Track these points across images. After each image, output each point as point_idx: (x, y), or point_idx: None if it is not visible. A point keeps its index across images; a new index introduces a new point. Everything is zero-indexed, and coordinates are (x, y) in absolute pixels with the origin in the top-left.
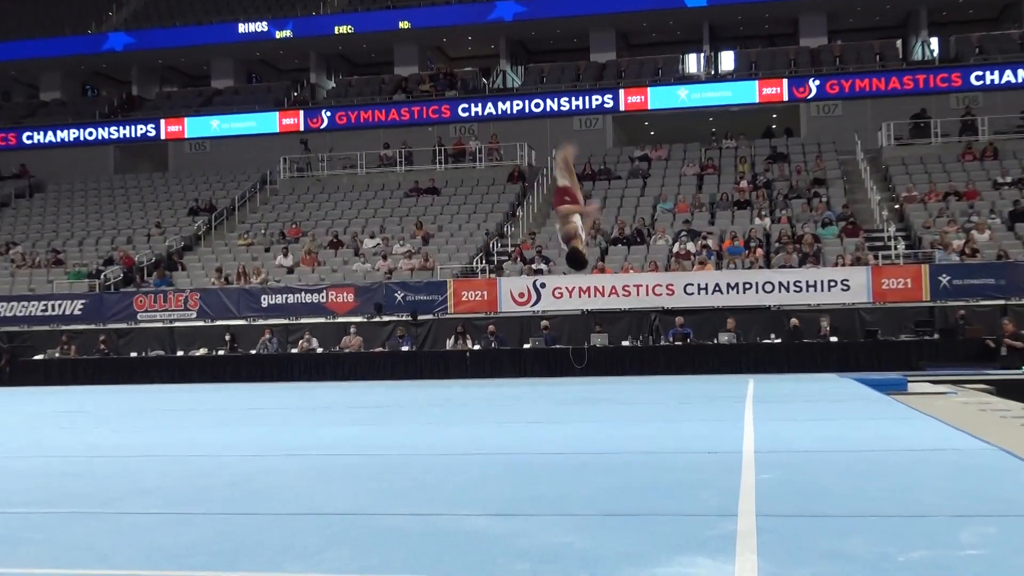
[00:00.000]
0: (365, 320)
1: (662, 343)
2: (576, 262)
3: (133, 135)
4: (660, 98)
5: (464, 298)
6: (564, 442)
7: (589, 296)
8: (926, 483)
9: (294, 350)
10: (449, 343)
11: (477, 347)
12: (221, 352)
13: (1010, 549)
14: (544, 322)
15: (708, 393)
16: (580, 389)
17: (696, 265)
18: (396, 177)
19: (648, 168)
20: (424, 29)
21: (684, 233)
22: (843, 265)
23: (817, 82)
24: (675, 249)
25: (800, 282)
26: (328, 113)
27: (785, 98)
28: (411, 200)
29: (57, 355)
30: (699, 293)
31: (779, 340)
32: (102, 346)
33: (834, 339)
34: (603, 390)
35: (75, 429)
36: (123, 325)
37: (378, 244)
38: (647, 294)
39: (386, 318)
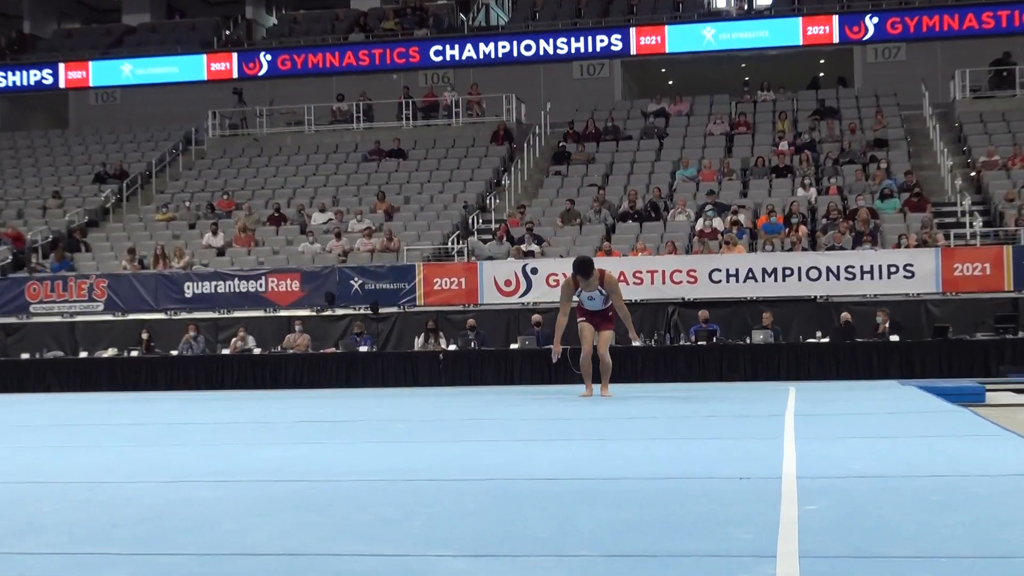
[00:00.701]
0: (314, 314)
1: (682, 342)
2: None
3: (24, 83)
4: (680, 39)
5: (437, 286)
6: (560, 465)
7: None
8: (1011, 517)
9: (225, 351)
10: (418, 342)
11: (453, 347)
12: (134, 353)
13: None
14: (536, 316)
15: (739, 404)
16: (581, 400)
17: (724, 246)
18: (352, 136)
19: (665, 126)
20: None
21: (710, 207)
22: (906, 247)
23: (875, 19)
24: (698, 226)
25: (853, 268)
26: (268, 57)
27: (835, 39)
28: (371, 165)
29: None
30: (728, 281)
31: (827, 339)
32: None
33: (894, 338)
34: (609, 401)
35: None
36: (12, 320)
37: (330, 220)
38: (663, 282)
39: (340, 311)
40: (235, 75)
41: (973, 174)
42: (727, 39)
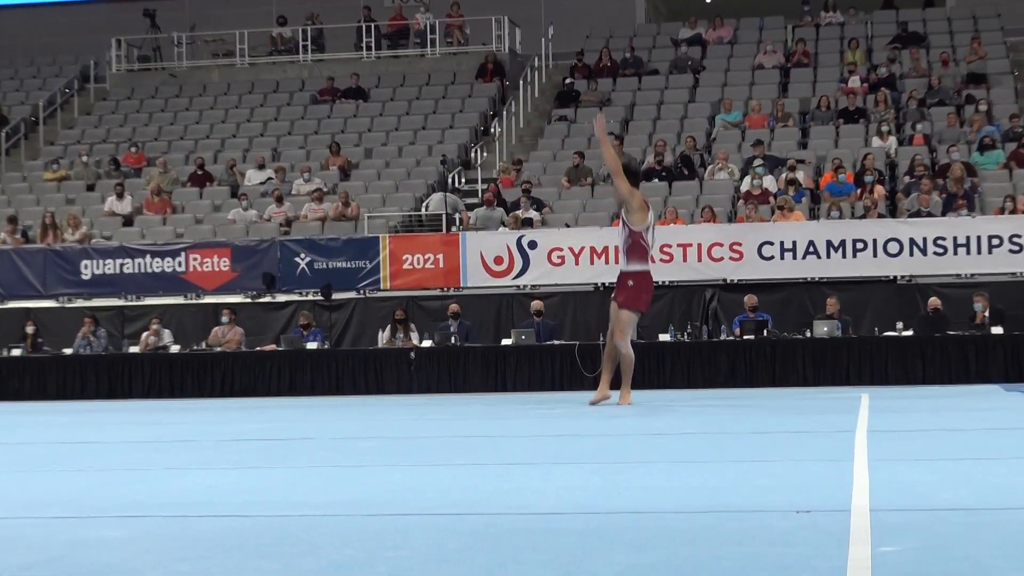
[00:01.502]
0: (248, 300)
1: (723, 337)
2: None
3: None
4: None
5: (407, 265)
6: (568, 495)
7: (606, 261)
8: None
9: (134, 348)
10: (383, 337)
11: (428, 343)
12: (16, 352)
13: None
14: (537, 303)
15: (796, 416)
16: (592, 411)
17: (777, 212)
18: (298, 71)
19: (702, 57)
20: None
21: (759, 161)
22: (1012, 212)
23: None
24: (744, 187)
25: (943, 240)
26: None
27: None
28: (322, 108)
29: None
30: (782, 257)
31: (909, 332)
32: None
33: (997, 330)
34: (629, 411)
35: None
36: None
37: (269, 179)
38: (699, 259)
39: (282, 297)
40: None
41: None
42: None
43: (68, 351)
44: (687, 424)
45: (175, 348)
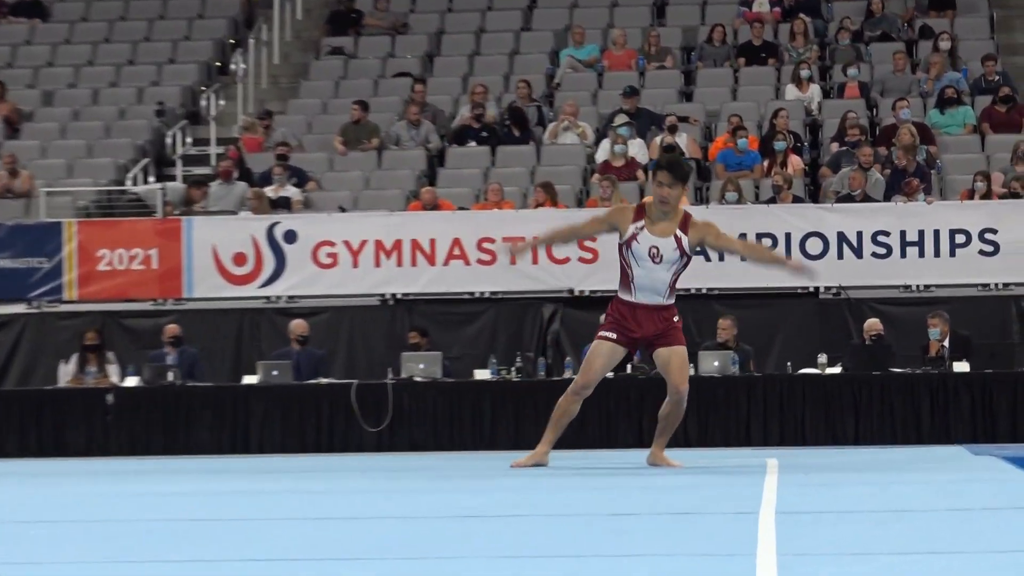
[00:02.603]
0: None
1: (568, 374)
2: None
3: None
4: None
5: (104, 264)
6: None
7: (399, 262)
8: None
9: None
10: (66, 372)
11: (134, 381)
12: None
13: None
14: (297, 323)
15: (676, 490)
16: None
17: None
18: None
19: None
20: None
21: (623, 118)
22: (984, 196)
23: None
24: (602, 155)
25: (886, 235)
26: None
27: None
28: None
29: None
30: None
31: (837, 369)
32: None
33: (961, 366)
34: (460, 486)
35: None
36: None
37: None
38: (534, 260)
39: None
40: None
41: None
42: None
43: None
44: (517, 502)
45: None
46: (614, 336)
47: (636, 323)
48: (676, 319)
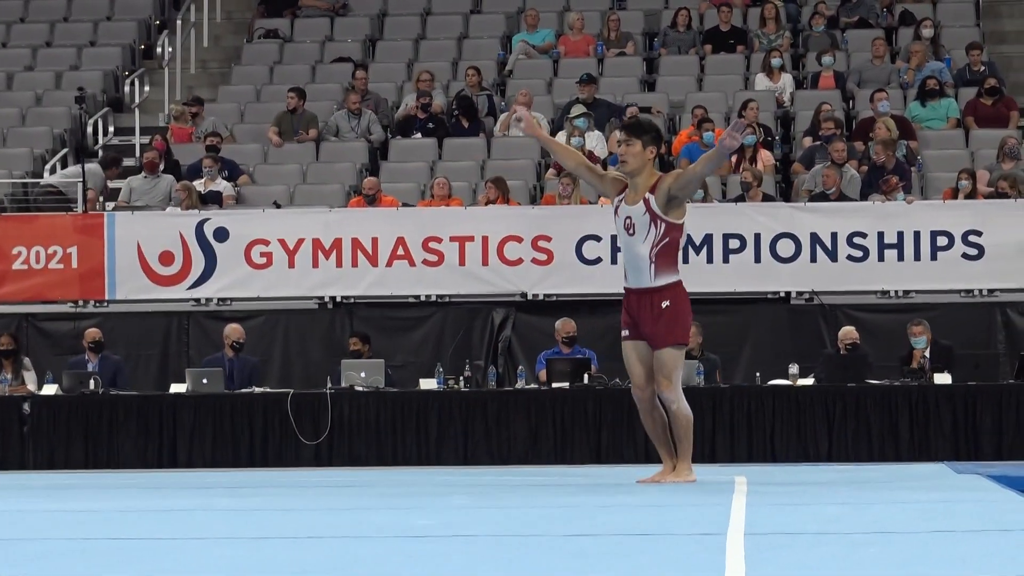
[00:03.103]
0: None
1: (521, 384)
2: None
3: None
4: None
5: (20, 263)
6: None
7: (338, 262)
8: None
9: None
10: None
11: (52, 389)
12: None
13: None
14: (231, 328)
15: (636, 510)
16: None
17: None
18: None
19: None
20: None
21: (580, 108)
22: (969, 195)
23: None
24: None
25: (863, 237)
26: None
27: None
28: None
29: None
30: (613, 260)
31: (809, 380)
32: None
33: (943, 378)
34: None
35: None
36: None
37: None
38: (484, 261)
39: None
40: None
41: None
42: None
43: None
44: (466, 522)
45: None
46: (626, 332)
47: (635, 311)
48: (664, 304)
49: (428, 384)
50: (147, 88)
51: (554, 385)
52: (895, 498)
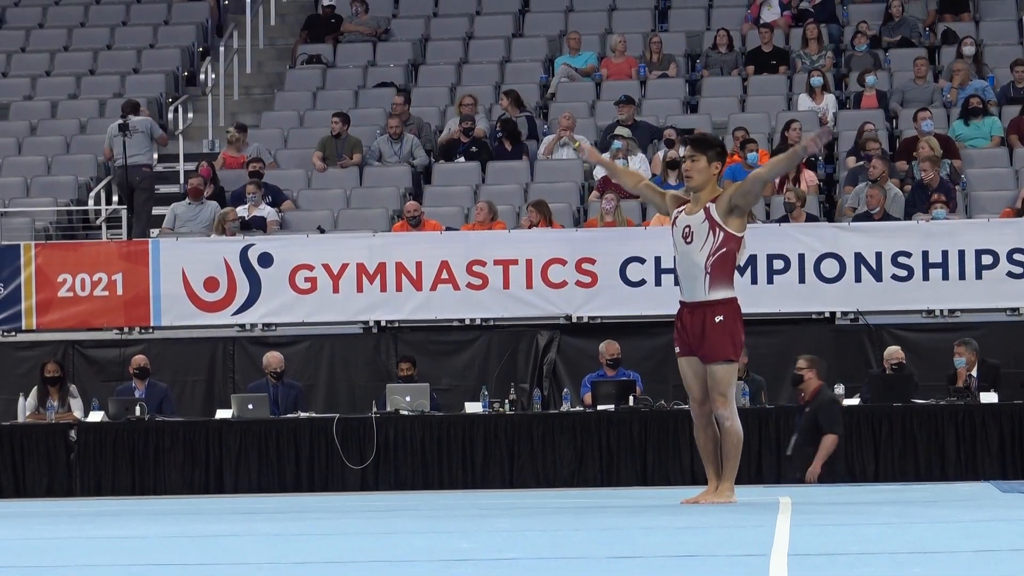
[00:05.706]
0: None
1: (566, 407)
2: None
3: None
4: None
5: (65, 290)
6: None
7: (383, 287)
8: None
9: None
10: (25, 407)
11: (98, 416)
12: None
13: None
14: (272, 355)
15: (682, 531)
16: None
17: (670, 209)
18: None
19: None
20: None
21: (624, 130)
22: (1019, 212)
23: None
24: (600, 171)
25: (907, 256)
26: None
27: None
28: None
29: None
30: (658, 283)
31: (855, 400)
32: None
33: (989, 397)
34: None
35: None
36: None
37: None
38: (528, 284)
39: None
40: None
41: None
42: None
43: None
44: (511, 545)
45: None
46: (678, 349)
47: (687, 325)
48: (718, 319)
49: (473, 408)
50: (191, 115)
51: (599, 407)
52: (939, 517)
